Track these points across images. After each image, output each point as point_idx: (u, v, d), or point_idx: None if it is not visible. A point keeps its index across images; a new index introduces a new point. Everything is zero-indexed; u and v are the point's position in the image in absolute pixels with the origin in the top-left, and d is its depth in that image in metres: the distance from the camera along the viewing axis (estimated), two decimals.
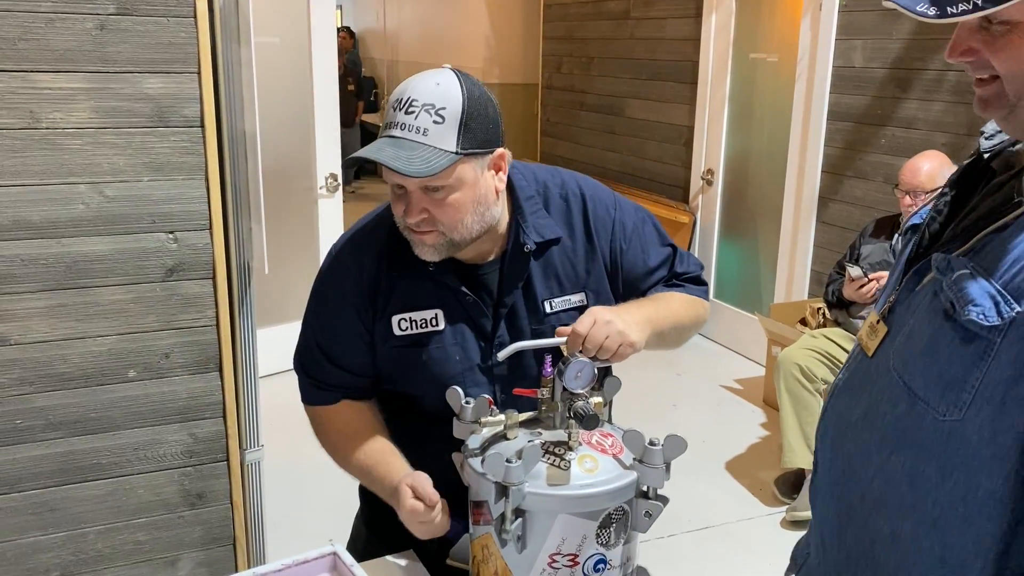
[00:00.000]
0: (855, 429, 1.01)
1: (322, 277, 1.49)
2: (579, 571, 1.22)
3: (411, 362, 1.43)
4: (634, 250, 1.49)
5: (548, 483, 1.20)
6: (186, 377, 2.00)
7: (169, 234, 1.91)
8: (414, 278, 1.40)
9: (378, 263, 1.42)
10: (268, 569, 1.31)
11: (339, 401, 1.49)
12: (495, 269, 1.43)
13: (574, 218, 1.46)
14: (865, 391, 1.00)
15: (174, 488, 2.05)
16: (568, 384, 1.23)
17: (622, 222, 1.48)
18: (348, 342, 1.45)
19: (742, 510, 3.22)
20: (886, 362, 0.97)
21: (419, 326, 1.41)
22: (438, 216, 1.31)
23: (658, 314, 1.41)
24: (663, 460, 1.22)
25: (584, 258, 1.45)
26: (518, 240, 1.41)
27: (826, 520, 1.08)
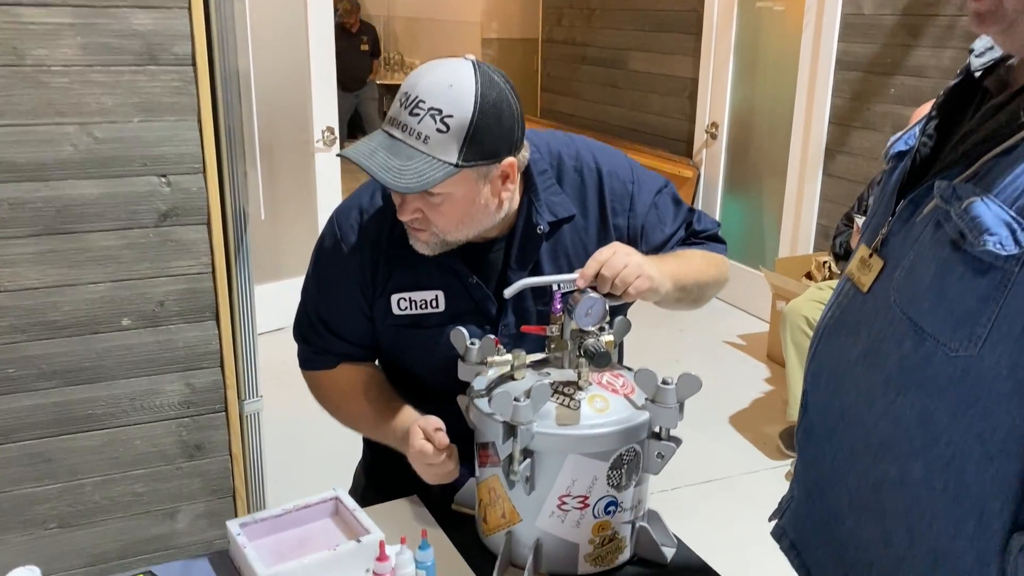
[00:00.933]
0: (854, 370, 0.96)
1: (323, 248, 1.43)
2: (589, 513, 1.18)
3: (409, 343, 1.39)
4: (652, 223, 1.42)
5: (557, 423, 1.15)
6: (182, 326, 1.95)
7: (161, 177, 1.84)
8: (415, 258, 1.33)
9: (379, 239, 1.36)
10: (269, 514, 1.27)
11: (338, 365, 1.45)
12: (500, 249, 1.36)
13: (588, 195, 1.38)
14: (862, 329, 0.95)
15: (172, 439, 2.01)
16: (578, 321, 1.18)
17: (640, 198, 1.41)
18: (348, 314, 1.41)
19: (746, 464, 3.20)
20: (885, 298, 0.92)
21: (418, 307, 1.36)
22: (432, 218, 1.25)
23: (679, 268, 1.34)
24: (676, 400, 1.17)
25: (596, 237, 1.38)
26: (530, 220, 1.34)
27: (819, 464, 1.03)
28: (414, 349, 1.38)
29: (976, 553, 0.88)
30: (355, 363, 1.44)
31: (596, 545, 1.20)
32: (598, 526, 1.19)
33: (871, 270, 0.96)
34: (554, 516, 1.18)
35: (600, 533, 1.19)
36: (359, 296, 1.38)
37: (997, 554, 0.86)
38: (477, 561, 1.24)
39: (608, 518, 1.19)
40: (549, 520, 1.18)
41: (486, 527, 1.25)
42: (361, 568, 1.19)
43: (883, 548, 0.95)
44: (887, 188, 1.02)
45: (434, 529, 1.31)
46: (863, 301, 0.96)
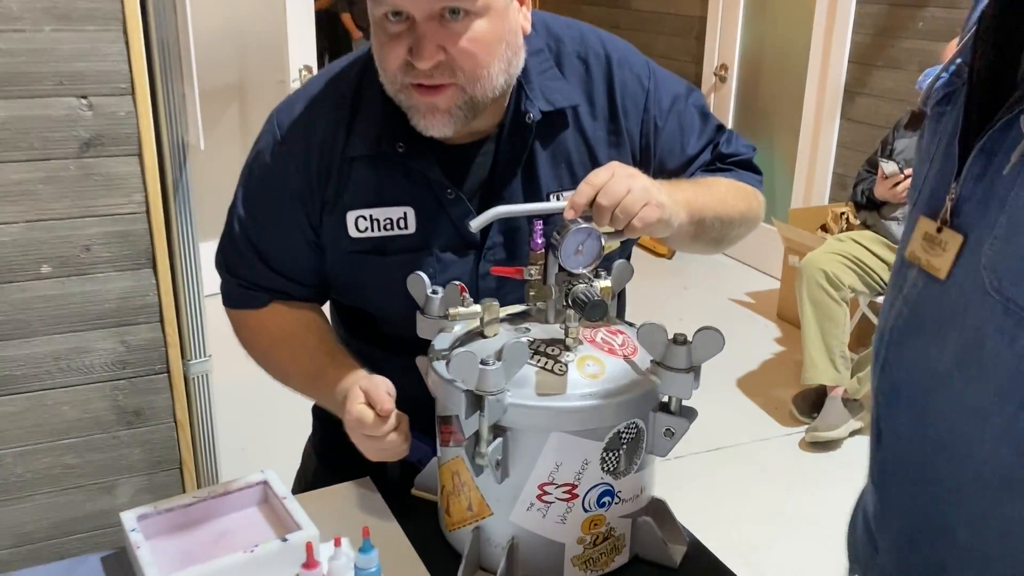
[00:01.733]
0: (948, 384, 0.73)
1: (257, 154, 1.14)
2: (578, 505, 0.92)
3: (371, 273, 1.11)
4: (671, 134, 1.14)
5: (538, 392, 0.89)
6: (113, 275, 1.69)
7: (82, 99, 1.58)
8: (379, 164, 1.07)
9: (332, 141, 1.08)
10: (177, 503, 1.02)
11: (269, 304, 1.17)
12: (488, 151, 1.09)
13: (595, 88, 1.10)
14: (949, 329, 0.72)
15: (106, 404, 1.77)
16: (565, 261, 0.91)
17: (658, 98, 1.13)
18: (286, 240, 1.13)
19: (756, 430, 2.97)
20: (974, 283, 0.70)
21: (382, 227, 1.08)
22: (458, 60, 0.96)
23: (697, 197, 1.06)
24: (691, 362, 0.91)
25: (606, 142, 1.11)
26: (519, 108, 1.06)
27: (911, 510, 0.81)
28: (377, 284, 1.11)
29: None
30: (292, 303, 1.17)
31: (587, 545, 0.95)
32: (589, 522, 0.93)
33: (946, 249, 0.73)
34: (534, 509, 0.92)
35: (592, 531, 0.94)
36: (301, 216, 1.10)
37: None
38: (439, 562, 0.99)
39: (602, 511, 0.94)
40: (527, 514, 0.93)
41: (449, 521, 1.00)
42: (288, 573, 0.93)
43: None
44: (939, 140, 0.78)
45: (387, 522, 1.06)
46: (941, 292, 0.74)
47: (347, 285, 1.15)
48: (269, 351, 1.17)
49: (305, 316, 1.17)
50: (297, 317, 1.17)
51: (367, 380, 1.03)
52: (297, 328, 1.16)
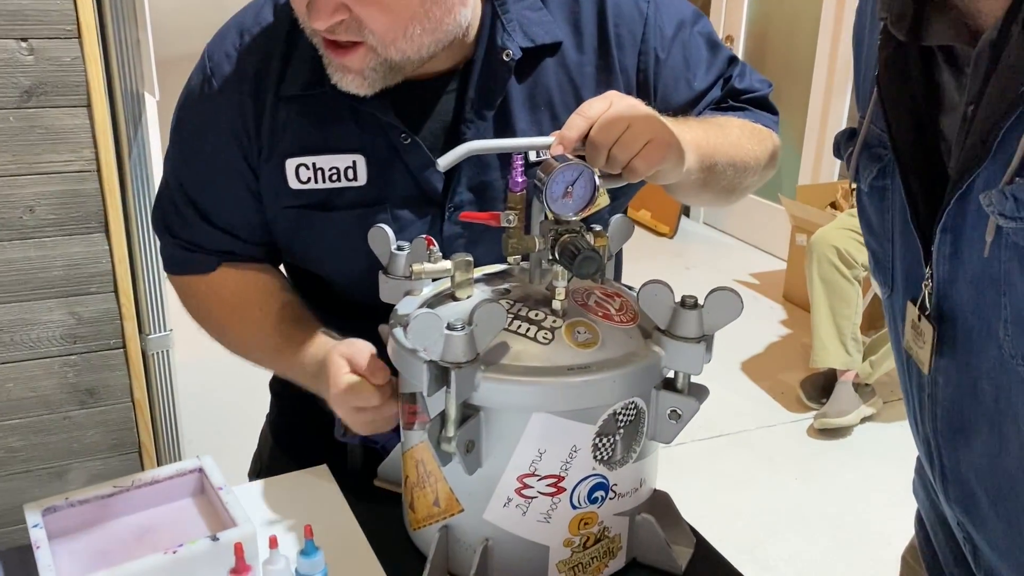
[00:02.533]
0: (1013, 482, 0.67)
1: (188, 93, 0.98)
2: (565, 501, 0.77)
3: (315, 231, 0.96)
4: (674, 67, 0.98)
5: (517, 364, 0.74)
6: (60, 239, 1.55)
7: (21, 42, 1.43)
8: (321, 105, 0.91)
9: (265, 76, 0.93)
10: (94, 493, 0.88)
11: (217, 268, 1.02)
12: (452, 89, 0.93)
13: (583, 16, 0.95)
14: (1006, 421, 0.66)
15: (55, 382, 1.63)
16: (552, 205, 0.75)
17: (659, 25, 0.97)
18: (225, 190, 0.98)
19: (762, 416, 2.84)
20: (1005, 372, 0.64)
21: (327, 178, 0.93)
22: (365, 19, 0.81)
23: (708, 138, 0.91)
24: (702, 330, 0.76)
25: (594, 79, 0.95)
26: (494, 42, 0.91)
27: None
28: (323, 244, 0.96)
29: None
30: (242, 265, 1.02)
31: (575, 548, 0.80)
32: (579, 520, 0.78)
33: (926, 342, 0.69)
34: (512, 505, 0.77)
35: (582, 530, 0.79)
36: (239, 161, 0.95)
37: None
38: (401, 564, 0.85)
39: (594, 508, 0.79)
40: (504, 511, 0.78)
41: (413, 518, 0.85)
42: None
43: None
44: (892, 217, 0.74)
45: (343, 516, 0.91)
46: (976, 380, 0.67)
47: (290, 244, 1.00)
48: (224, 322, 1.02)
49: (260, 279, 1.02)
50: (251, 281, 1.02)
51: (346, 346, 0.88)
52: (253, 293, 1.01)
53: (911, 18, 0.66)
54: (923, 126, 0.70)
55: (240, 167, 0.95)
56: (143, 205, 1.60)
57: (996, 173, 0.60)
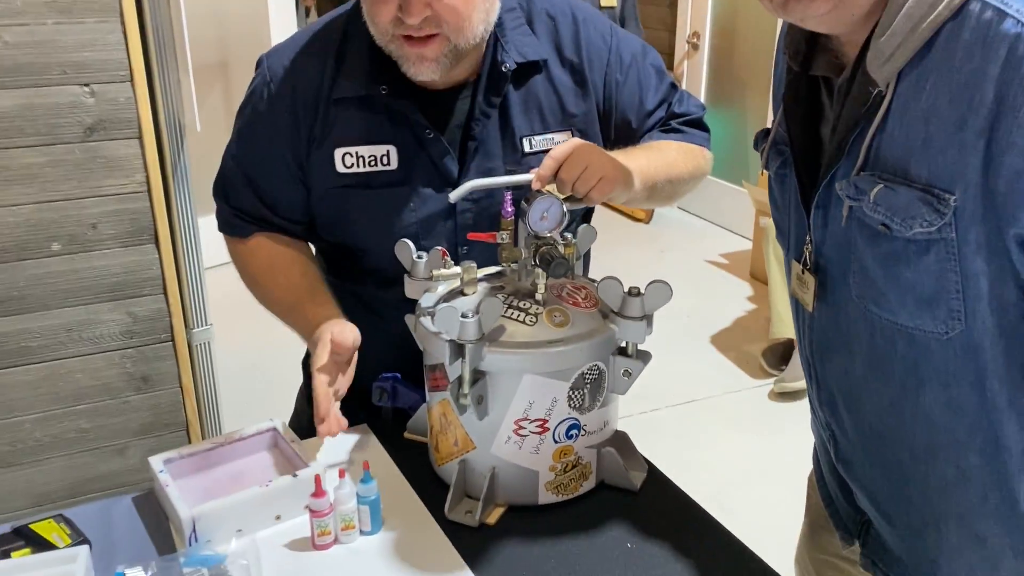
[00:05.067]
0: (867, 386, 0.91)
1: (251, 94, 1.26)
2: (549, 438, 1.06)
3: (356, 206, 1.22)
4: (630, 87, 1.27)
5: (512, 340, 1.03)
6: (118, 250, 1.81)
7: (84, 87, 1.68)
8: (364, 106, 1.18)
9: (319, 83, 1.20)
10: (197, 448, 1.15)
11: (252, 235, 1.29)
12: (466, 96, 1.21)
13: (563, 41, 1.23)
14: (853, 345, 0.90)
15: (116, 371, 1.89)
16: (533, 226, 1.04)
17: (619, 54, 1.26)
18: (274, 173, 1.24)
19: (728, 383, 3.12)
20: (855, 308, 0.87)
21: (367, 163, 1.20)
22: (443, 14, 1.08)
23: (650, 164, 1.19)
24: (644, 311, 1.05)
25: (573, 90, 1.24)
26: (495, 58, 1.19)
27: (876, 488, 0.98)
28: (363, 216, 1.22)
29: None
30: (277, 236, 1.28)
31: (558, 472, 1.09)
32: (559, 452, 1.08)
33: (808, 288, 0.92)
34: (511, 442, 1.06)
35: (562, 459, 1.08)
36: (287, 153, 1.22)
37: None
38: (430, 492, 1.13)
39: (570, 443, 1.08)
40: (505, 447, 1.07)
41: (438, 456, 1.14)
42: (298, 505, 1.07)
43: (977, 547, 0.90)
44: (788, 198, 0.97)
45: (383, 459, 1.20)
46: (835, 315, 0.91)
47: (334, 219, 1.25)
48: (255, 278, 1.28)
49: (289, 251, 1.28)
50: (280, 251, 1.28)
51: (338, 331, 1.13)
52: (281, 261, 1.27)
53: (803, 54, 0.90)
54: (809, 133, 0.92)
55: (288, 160, 1.22)
56: (186, 219, 1.87)
57: (848, 169, 0.83)
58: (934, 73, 0.75)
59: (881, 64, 0.78)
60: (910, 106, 0.77)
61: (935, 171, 0.76)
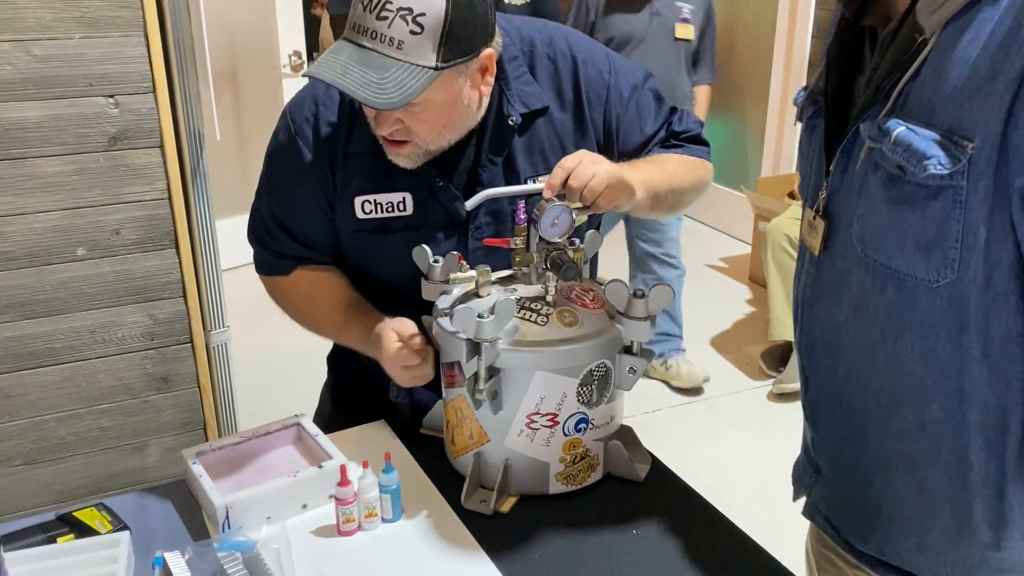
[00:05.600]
0: (847, 330, 0.95)
1: (276, 144, 1.33)
2: (559, 431, 1.13)
3: (375, 249, 1.31)
4: (630, 119, 1.33)
5: (524, 339, 1.10)
6: (140, 255, 1.87)
7: (109, 98, 1.75)
8: (379, 157, 1.24)
9: (335, 137, 1.27)
10: (227, 442, 1.22)
11: (294, 271, 1.37)
12: (472, 145, 1.27)
13: (563, 84, 1.29)
14: (842, 289, 0.94)
15: (137, 372, 1.95)
16: (544, 232, 1.11)
17: (618, 89, 1.32)
18: (306, 215, 1.32)
19: (728, 384, 3.19)
20: (852, 253, 0.91)
21: (385, 210, 1.27)
22: (414, 128, 1.16)
23: (652, 175, 1.26)
24: (648, 312, 1.12)
25: (573, 131, 1.30)
26: (501, 111, 1.25)
27: (836, 433, 1.02)
28: (381, 256, 1.31)
29: (1013, 471, 0.87)
30: (314, 267, 1.36)
31: (567, 464, 1.16)
32: (568, 444, 1.15)
33: (817, 232, 0.95)
34: (523, 435, 1.13)
35: (571, 451, 1.15)
36: (319, 194, 1.29)
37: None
38: (446, 483, 1.20)
39: (579, 436, 1.15)
40: (518, 439, 1.14)
41: (454, 449, 1.21)
42: (323, 494, 1.14)
43: (918, 498, 0.94)
44: (814, 147, 1.01)
45: (402, 453, 1.27)
46: (830, 263, 0.95)
47: (356, 259, 1.35)
48: (302, 308, 1.37)
49: (327, 277, 1.36)
50: (321, 278, 1.36)
51: (396, 322, 1.22)
52: (323, 288, 1.36)
53: (858, 3, 0.94)
54: (845, 83, 0.95)
55: (319, 199, 1.29)
56: (205, 224, 1.94)
57: (876, 113, 0.85)
58: (977, 25, 0.78)
59: (931, 12, 0.81)
60: (947, 54, 0.80)
61: (959, 118, 0.79)
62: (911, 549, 0.97)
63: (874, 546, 1.00)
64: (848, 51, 0.96)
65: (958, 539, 0.92)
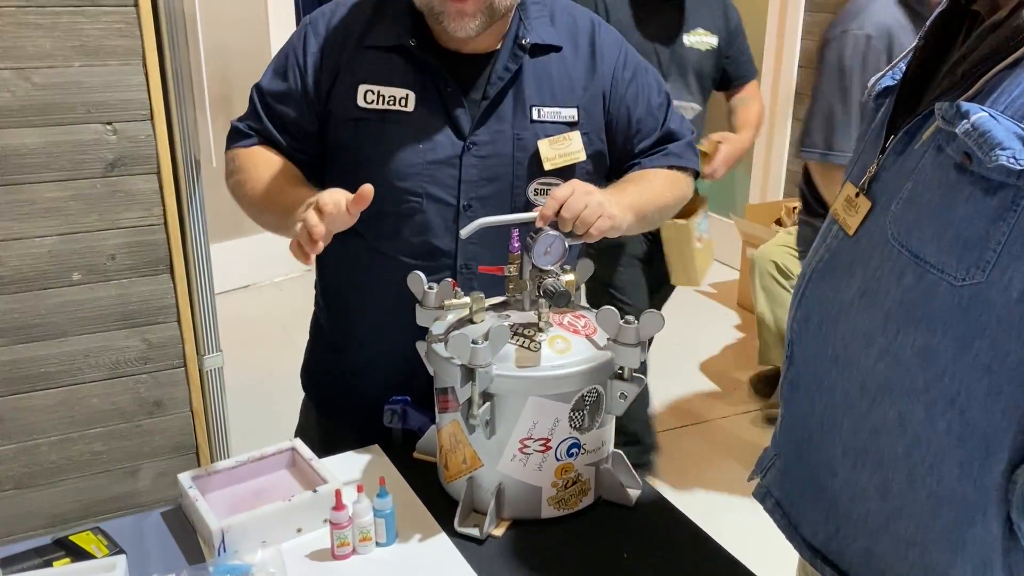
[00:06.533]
0: (850, 311, 0.92)
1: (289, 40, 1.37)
2: (551, 456, 1.15)
3: (369, 138, 1.31)
4: (634, 87, 1.40)
5: (517, 365, 1.12)
6: (135, 280, 1.89)
7: (107, 125, 1.77)
8: (392, 55, 1.30)
9: (353, 27, 1.32)
10: (223, 466, 1.23)
11: (256, 144, 1.38)
12: (486, 63, 1.32)
13: (580, 35, 1.37)
14: (857, 268, 0.91)
15: (130, 396, 1.96)
16: (537, 260, 1.14)
17: (627, 56, 1.41)
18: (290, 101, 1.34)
19: (717, 409, 3.21)
20: (881, 234, 0.88)
21: (387, 102, 1.30)
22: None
23: (641, 198, 1.31)
24: (638, 339, 1.14)
25: (583, 74, 1.36)
26: (517, 33, 1.32)
27: (809, 416, 0.99)
28: (374, 149, 1.31)
29: (979, 493, 0.84)
30: (274, 150, 1.37)
31: (559, 488, 1.17)
32: (561, 469, 1.16)
33: (858, 211, 0.92)
34: (516, 460, 1.15)
35: (563, 476, 1.17)
36: (310, 87, 1.32)
37: (1000, 490, 0.83)
38: (439, 508, 1.21)
39: (571, 460, 1.17)
40: (511, 464, 1.15)
41: (447, 474, 1.23)
42: (318, 518, 1.16)
43: (879, 497, 0.91)
44: (875, 125, 0.99)
45: (395, 478, 1.28)
46: (855, 240, 0.92)
47: (346, 147, 1.33)
48: (250, 172, 1.35)
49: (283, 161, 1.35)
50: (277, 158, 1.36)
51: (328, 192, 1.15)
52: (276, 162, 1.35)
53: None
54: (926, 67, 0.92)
55: (309, 91, 1.32)
56: (200, 250, 1.95)
57: (957, 96, 0.81)
58: None
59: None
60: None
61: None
62: (859, 552, 0.94)
63: (822, 540, 0.98)
64: (943, 34, 0.92)
65: (907, 553, 0.90)
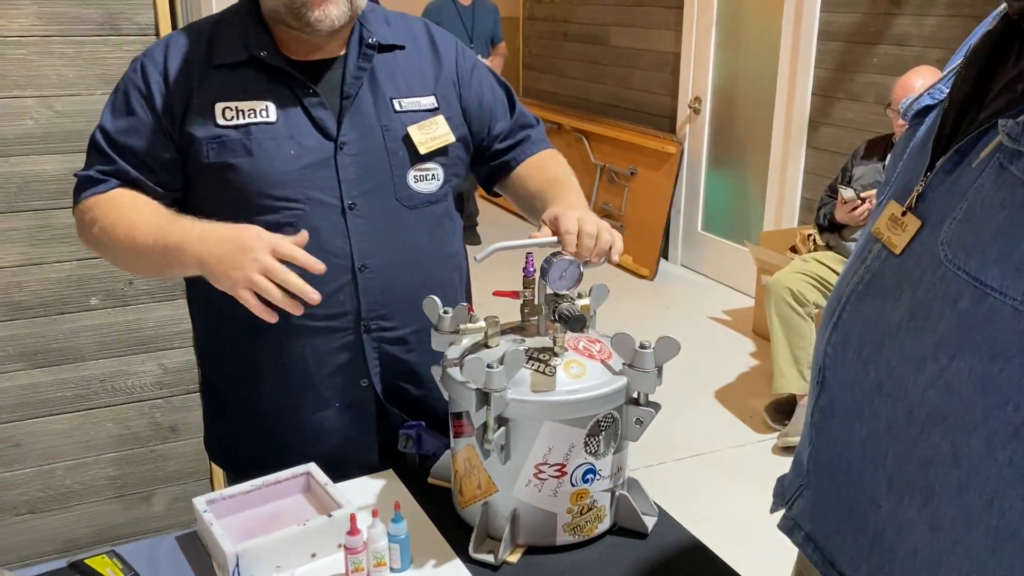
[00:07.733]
0: (897, 335, 0.87)
1: (125, 77, 1.33)
2: (566, 482, 1.14)
3: (237, 152, 1.28)
4: (476, 73, 1.46)
5: (532, 389, 1.12)
6: (152, 305, 1.91)
7: None
8: (242, 70, 1.30)
9: (195, 52, 1.31)
10: (238, 490, 1.23)
11: (116, 188, 1.31)
12: (337, 67, 1.34)
13: (417, 34, 1.43)
14: (905, 290, 0.87)
15: (145, 421, 1.97)
16: (552, 285, 1.14)
17: (464, 49, 1.47)
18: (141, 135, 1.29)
19: (732, 437, 3.18)
20: (932, 255, 0.84)
21: (247, 115, 1.29)
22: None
23: (580, 193, 1.41)
24: (654, 364, 1.14)
25: (431, 66, 1.41)
26: (362, 38, 1.35)
27: (847, 445, 0.95)
28: (245, 162, 1.28)
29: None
30: (136, 189, 1.31)
31: (574, 514, 1.17)
32: (576, 495, 1.16)
33: (905, 230, 0.88)
34: (531, 485, 1.14)
35: (578, 502, 1.16)
36: (161, 118, 1.29)
37: None
38: (453, 534, 1.21)
39: (586, 486, 1.16)
40: (526, 489, 1.15)
41: (462, 499, 1.22)
42: (333, 543, 1.15)
43: (931, 532, 0.86)
44: (915, 144, 0.96)
45: (409, 503, 1.28)
46: (901, 262, 0.88)
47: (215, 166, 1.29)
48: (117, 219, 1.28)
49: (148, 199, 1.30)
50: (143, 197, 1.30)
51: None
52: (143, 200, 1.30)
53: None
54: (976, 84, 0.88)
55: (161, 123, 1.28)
56: None
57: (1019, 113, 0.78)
58: None
59: None
60: None
61: None
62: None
63: (865, 574, 0.94)
64: (995, 51, 0.89)
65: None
